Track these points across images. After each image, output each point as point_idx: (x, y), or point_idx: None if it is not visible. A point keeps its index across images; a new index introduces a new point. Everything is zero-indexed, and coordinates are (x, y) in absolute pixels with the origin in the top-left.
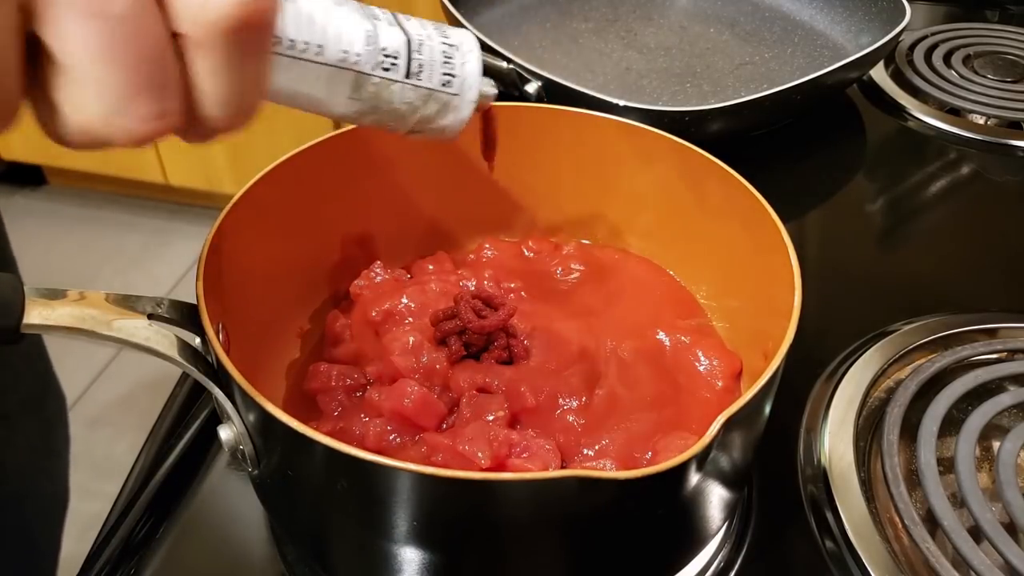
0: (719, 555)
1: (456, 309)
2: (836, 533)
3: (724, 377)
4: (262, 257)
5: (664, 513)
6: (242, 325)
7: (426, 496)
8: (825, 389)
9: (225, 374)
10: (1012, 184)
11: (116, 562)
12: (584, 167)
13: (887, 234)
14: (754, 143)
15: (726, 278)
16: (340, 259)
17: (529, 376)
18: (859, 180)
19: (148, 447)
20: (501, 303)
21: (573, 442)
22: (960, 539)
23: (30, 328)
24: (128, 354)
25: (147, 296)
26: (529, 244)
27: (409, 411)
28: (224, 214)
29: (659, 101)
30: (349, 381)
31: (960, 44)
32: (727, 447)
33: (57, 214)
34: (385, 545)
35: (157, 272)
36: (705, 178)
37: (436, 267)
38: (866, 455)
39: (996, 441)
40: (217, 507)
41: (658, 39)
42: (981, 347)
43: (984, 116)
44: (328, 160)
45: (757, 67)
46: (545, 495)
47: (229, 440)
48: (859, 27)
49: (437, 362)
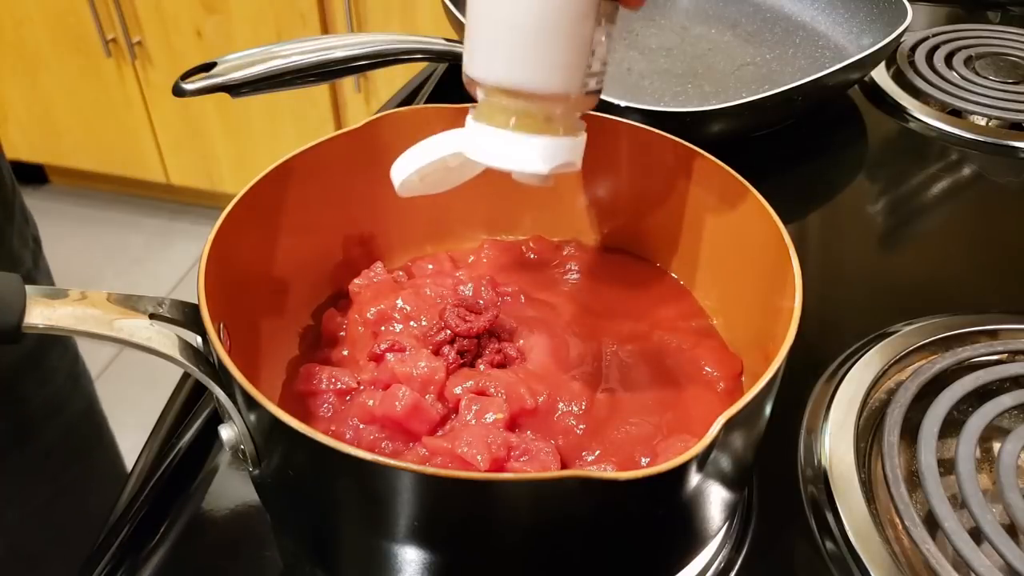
0: (719, 556)
1: (443, 319)
2: (836, 534)
3: (725, 378)
4: (264, 257)
5: (664, 514)
6: (244, 325)
7: (427, 496)
8: (826, 390)
9: (226, 374)
10: (1013, 185)
11: (117, 562)
12: (585, 168)
13: (888, 235)
14: (755, 144)
15: (727, 279)
16: (341, 259)
17: (528, 378)
18: (860, 181)
19: (149, 447)
20: (484, 308)
21: (573, 444)
22: (961, 540)
23: (31, 328)
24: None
25: (149, 296)
26: (529, 244)
27: (400, 416)
28: (226, 214)
29: (660, 102)
30: (340, 384)
31: (962, 45)
32: (727, 448)
33: (59, 213)
34: (385, 545)
35: (159, 272)
36: (706, 179)
37: (436, 267)
38: (867, 456)
39: (997, 442)
40: (218, 507)
41: (659, 40)
42: (982, 348)
43: (985, 117)
44: (329, 160)
45: (758, 68)
46: (545, 495)
47: (230, 439)
48: (861, 28)
49: (435, 371)
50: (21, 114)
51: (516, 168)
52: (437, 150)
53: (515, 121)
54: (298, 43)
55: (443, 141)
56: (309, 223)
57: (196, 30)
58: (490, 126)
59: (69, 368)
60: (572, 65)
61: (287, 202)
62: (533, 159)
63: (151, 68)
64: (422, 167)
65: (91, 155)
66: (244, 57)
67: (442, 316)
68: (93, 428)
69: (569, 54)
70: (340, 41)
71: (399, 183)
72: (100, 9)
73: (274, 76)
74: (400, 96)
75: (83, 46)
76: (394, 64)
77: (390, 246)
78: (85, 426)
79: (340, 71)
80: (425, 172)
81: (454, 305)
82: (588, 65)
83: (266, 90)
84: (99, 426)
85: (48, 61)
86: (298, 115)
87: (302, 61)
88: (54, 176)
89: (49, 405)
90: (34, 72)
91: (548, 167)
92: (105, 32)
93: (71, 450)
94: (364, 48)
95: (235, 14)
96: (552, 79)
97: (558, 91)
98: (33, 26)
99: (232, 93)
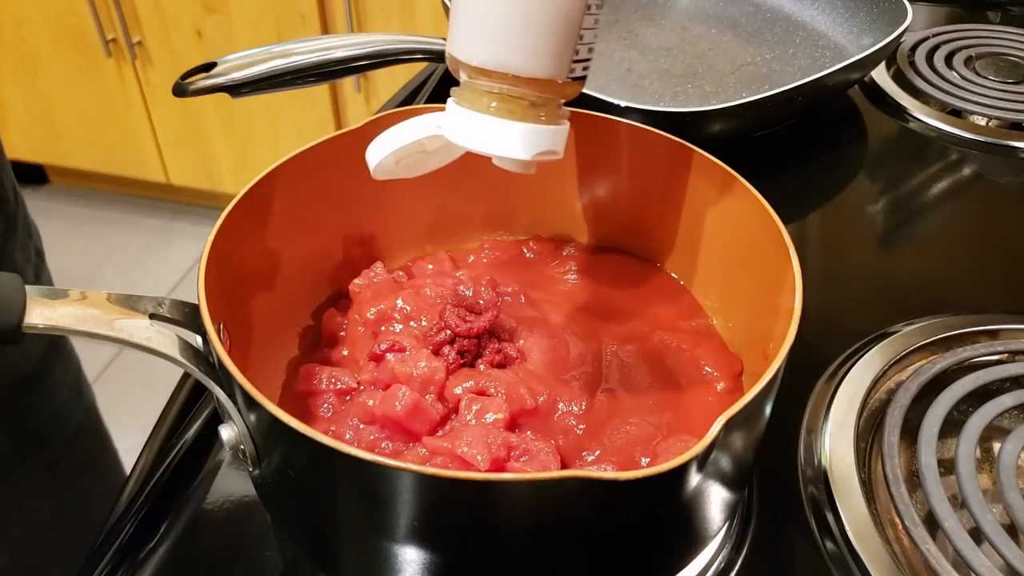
0: (719, 556)
1: (443, 319)
2: (836, 534)
3: (725, 378)
4: (264, 257)
5: (664, 514)
6: (244, 325)
7: (427, 496)
8: (826, 390)
9: (226, 374)
10: (1013, 185)
11: (117, 562)
12: (585, 168)
13: (888, 235)
14: (755, 144)
15: (727, 279)
16: (342, 259)
17: (529, 378)
18: (860, 181)
19: (149, 447)
20: (485, 308)
21: (573, 445)
22: (961, 541)
23: (31, 328)
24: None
25: (149, 296)
26: (529, 244)
27: (400, 416)
28: (226, 214)
29: (660, 102)
30: (340, 384)
31: (962, 45)
32: (727, 448)
33: (59, 213)
34: (385, 545)
35: (159, 272)
36: (706, 179)
37: (436, 267)
38: (867, 456)
39: (997, 443)
40: (218, 507)
41: (659, 40)
42: (982, 348)
43: (985, 117)
44: (330, 160)
45: (758, 68)
46: (545, 496)
47: (230, 439)
48: (861, 28)
49: (435, 371)
50: (21, 114)
51: (496, 153)
52: (414, 132)
53: (497, 105)
54: (298, 43)
55: (421, 123)
56: (309, 223)
57: (196, 30)
58: (471, 110)
59: (72, 382)
60: (559, 49)
61: (287, 202)
62: (514, 145)
63: (151, 68)
64: (397, 149)
65: (91, 155)
66: (244, 57)
67: (442, 316)
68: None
69: (556, 37)
70: (340, 41)
71: (374, 165)
72: (100, 9)
73: (274, 76)
74: (400, 96)
75: (83, 46)
76: (394, 64)
77: (390, 246)
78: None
79: (340, 71)
80: (401, 155)
81: (454, 305)
82: (575, 50)
83: (266, 90)
84: (103, 437)
85: (48, 61)
86: (298, 115)
87: (302, 61)
88: (54, 176)
89: (54, 419)
90: (34, 72)
91: (529, 154)
92: (105, 32)
93: (76, 462)
94: (364, 48)
95: (235, 14)
96: (538, 63)
97: (543, 75)
98: (33, 26)
99: (232, 93)
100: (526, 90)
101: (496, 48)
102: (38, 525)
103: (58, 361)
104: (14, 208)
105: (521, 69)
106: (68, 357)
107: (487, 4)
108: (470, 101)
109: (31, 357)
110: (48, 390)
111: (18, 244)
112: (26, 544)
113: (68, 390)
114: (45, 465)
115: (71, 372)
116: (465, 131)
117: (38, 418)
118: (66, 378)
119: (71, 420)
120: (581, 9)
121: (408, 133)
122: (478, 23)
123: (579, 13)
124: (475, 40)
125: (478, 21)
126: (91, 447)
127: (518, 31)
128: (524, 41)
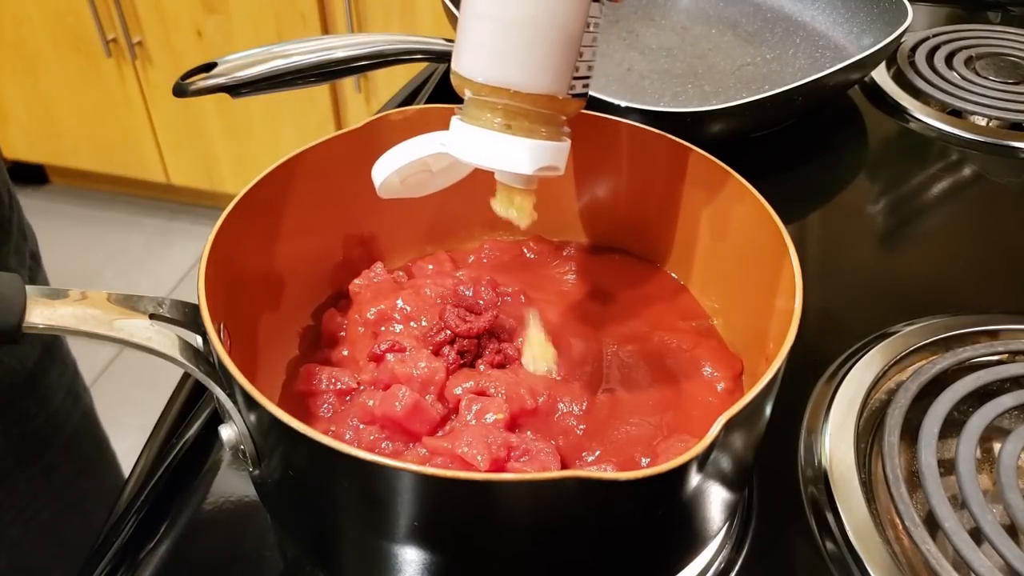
0: (719, 556)
1: (443, 319)
2: (837, 534)
3: (725, 379)
4: (264, 257)
5: (664, 514)
6: (244, 325)
7: (427, 497)
8: (826, 390)
9: (227, 374)
10: (1013, 185)
11: (117, 562)
12: (585, 168)
13: (888, 235)
14: (756, 144)
15: (727, 279)
16: (342, 259)
17: (529, 378)
18: (860, 181)
19: (149, 447)
20: (485, 308)
21: (573, 445)
22: (961, 541)
23: (31, 328)
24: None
25: (149, 296)
26: (529, 244)
27: (400, 416)
28: (226, 214)
29: (660, 102)
30: (340, 385)
31: (962, 45)
32: (728, 448)
33: (59, 213)
34: (385, 545)
35: (159, 272)
36: (706, 179)
37: (436, 267)
38: (867, 456)
39: (997, 443)
40: (217, 507)
41: (659, 40)
42: (982, 349)
43: (986, 117)
44: (330, 160)
45: (759, 68)
46: (545, 496)
47: (231, 439)
48: (861, 28)
49: (435, 371)
50: (21, 114)
51: (499, 167)
52: (418, 150)
53: (500, 120)
54: (298, 43)
55: (426, 141)
56: (309, 223)
57: (196, 30)
58: (475, 125)
59: (69, 386)
60: (559, 65)
61: (287, 202)
62: (517, 159)
63: (151, 68)
64: (402, 167)
65: (91, 155)
66: (244, 57)
67: (442, 316)
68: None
69: (557, 53)
70: (340, 41)
71: (379, 183)
72: (100, 9)
73: (274, 76)
74: (400, 96)
75: (83, 46)
76: (394, 64)
77: (390, 246)
78: (86, 441)
79: (340, 71)
80: (406, 173)
81: (454, 305)
82: (575, 67)
83: (266, 90)
84: (101, 440)
85: (48, 61)
86: (298, 115)
87: (303, 61)
88: (54, 176)
89: (50, 423)
90: (34, 72)
91: (532, 168)
92: (105, 32)
93: (73, 466)
94: (364, 48)
95: (235, 14)
96: (540, 79)
97: (544, 91)
98: (33, 26)
99: (232, 93)
100: (527, 106)
101: (497, 64)
102: (36, 529)
103: (53, 365)
104: (8, 211)
105: (522, 85)
106: (63, 360)
107: (490, 22)
108: (473, 117)
109: (26, 361)
110: (44, 394)
111: (12, 247)
112: (24, 548)
113: (64, 394)
114: (43, 469)
115: (67, 375)
116: (468, 146)
117: (35, 422)
118: (62, 381)
119: (68, 423)
120: (581, 26)
121: (412, 151)
122: (482, 41)
123: (579, 30)
124: (478, 57)
125: (482, 38)
126: (88, 450)
127: (520, 47)
128: (525, 57)
